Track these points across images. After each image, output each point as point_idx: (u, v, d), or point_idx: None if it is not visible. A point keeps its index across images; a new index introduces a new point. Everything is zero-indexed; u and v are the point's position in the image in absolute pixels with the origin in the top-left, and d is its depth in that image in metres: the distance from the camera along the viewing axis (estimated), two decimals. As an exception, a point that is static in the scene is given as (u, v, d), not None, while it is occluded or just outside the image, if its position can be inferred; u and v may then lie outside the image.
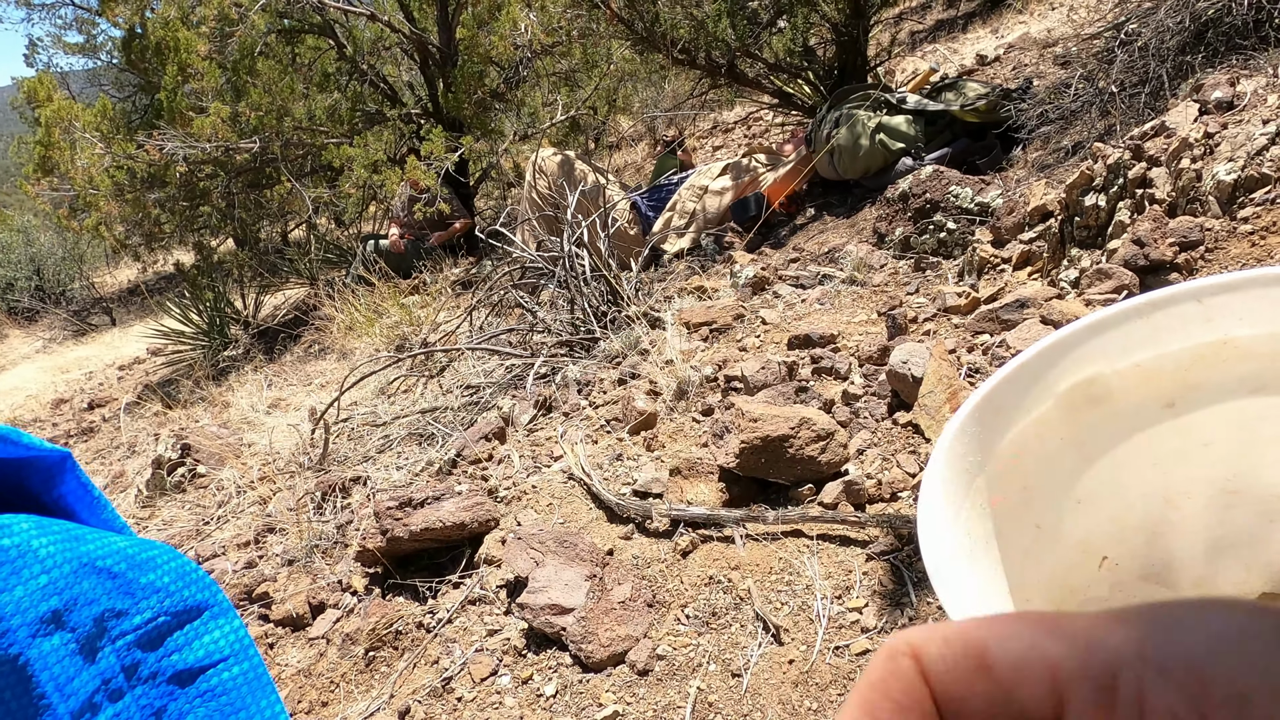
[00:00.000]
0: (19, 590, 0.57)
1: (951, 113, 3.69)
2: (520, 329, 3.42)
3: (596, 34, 4.91)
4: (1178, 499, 0.77)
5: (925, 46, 6.36)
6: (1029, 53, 4.79)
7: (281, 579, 2.13)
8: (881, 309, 2.46)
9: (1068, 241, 2.33)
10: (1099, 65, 3.28)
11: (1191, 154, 2.03)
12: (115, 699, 0.61)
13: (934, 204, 2.98)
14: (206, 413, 4.38)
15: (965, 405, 0.70)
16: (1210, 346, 0.70)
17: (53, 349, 8.36)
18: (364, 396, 3.68)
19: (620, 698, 1.36)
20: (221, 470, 3.22)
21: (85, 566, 0.61)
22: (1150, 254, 1.89)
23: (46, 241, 9.97)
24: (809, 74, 4.77)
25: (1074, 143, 3.13)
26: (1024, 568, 0.77)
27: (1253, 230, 1.80)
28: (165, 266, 8.16)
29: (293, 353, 5.50)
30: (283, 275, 6.69)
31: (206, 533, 2.73)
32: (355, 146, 5.52)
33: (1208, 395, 0.72)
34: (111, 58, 9.52)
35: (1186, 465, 0.76)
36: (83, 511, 0.67)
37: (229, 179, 6.04)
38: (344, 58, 6.17)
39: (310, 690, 1.69)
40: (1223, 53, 2.70)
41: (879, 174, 3.79)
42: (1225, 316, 0.69)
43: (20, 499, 0.66)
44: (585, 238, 3.28)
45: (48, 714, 0.56)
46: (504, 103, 6.35)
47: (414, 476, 2.51)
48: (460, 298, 4.97)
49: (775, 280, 3.07)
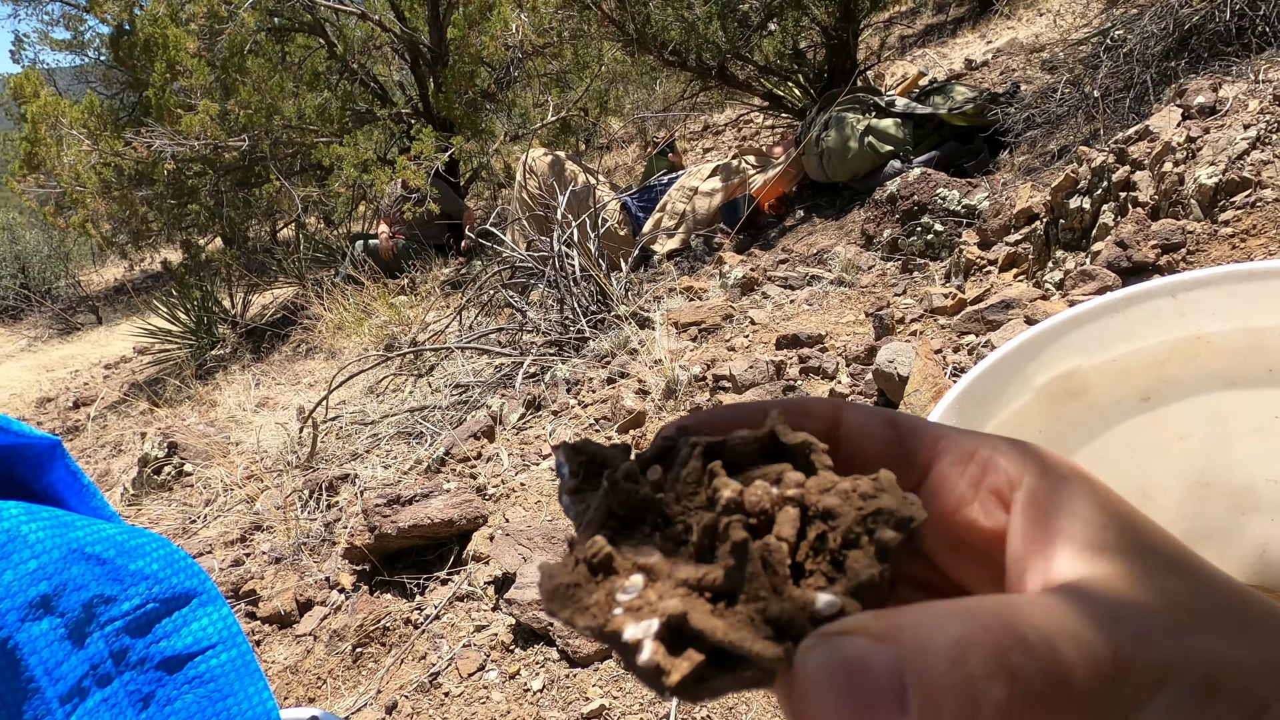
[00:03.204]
0: (8, 575, 0.57)
1: (940, 116, 3.72)
2: (510, 328, 3.43)
3: (588, 35, 4.92)
4: (1154, 492, 0.79)
5: (915, 51, 6.40)
6: (1016, 58, 4.83)
7: (269, 576, 2.12)
8: (869, 310, 2.48)
9: (1052, 244, 2.36)
10: (1085, 70, 3.32)
11: (1174, 158, 2.05)
12: (104, 684, 0.62)
13: (921, 206, 3.01)
14: (194, 411, 4.37)
15: (946, 397, 0.72)
16: (1185, 341, 0.72)
17: (38, 348, 8.30)
18: (353, 395, 3.67)
19: (607, 692, 1.37)
20: (208, 468, 3.20)
21: (74, 552, 0.61)
22: (1133, 256, 1.92)
23: (32, 239, 9.89)
24: (799, 77, 4.79)
25: (1060, 147, 3.16)
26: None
27: (1233, 233, 1.82)
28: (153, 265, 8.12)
29: (281, 352, 5.48)
30: (271, 274, 6.67)
31: (193, 531, 2.72)
32: (345, 146, 5.50)
33: (1183, 389, 0.74)
34: (99, 54, 9.47)
35: (1162, 458, 0.77)
36: (72, 499, 0.67)
37: (217, 177, 6.02)
38: (334, 56, 6.16)
39: (297, 687, 1.69)
40: (1206, 59, 2.73)
41: (867, 176, 3.82)
42: (1199, 311, 0.70)
43: (9, 486, 0.66)
44: (575, 238, 3.28)
45: (36, 697, 0.56)
46: (495, 103, 6.35)
47: (402, 474, 2.51)
48: (450, 297, 4.96)
49: (764, 281, 3.09)
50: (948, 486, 0.24)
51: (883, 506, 0.21)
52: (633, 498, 0.23)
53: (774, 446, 0.24)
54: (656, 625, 0.20)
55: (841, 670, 0.18)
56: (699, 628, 0.20)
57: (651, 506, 0.23)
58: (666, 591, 0.21)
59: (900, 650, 0.17)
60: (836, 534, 0.21)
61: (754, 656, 0.19)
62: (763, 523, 0.22)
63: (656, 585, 0.21)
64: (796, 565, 0.21)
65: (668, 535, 0.23)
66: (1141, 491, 0.77)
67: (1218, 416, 0.73)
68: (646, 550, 0.22)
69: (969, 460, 0.24)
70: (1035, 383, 0.74)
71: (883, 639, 0.18)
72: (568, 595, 0.21)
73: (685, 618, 0.20)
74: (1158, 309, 0.69)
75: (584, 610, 0.21)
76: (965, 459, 0.24)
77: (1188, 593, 0.20)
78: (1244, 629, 0.19)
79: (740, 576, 0.20)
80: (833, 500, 0.22)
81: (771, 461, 0.24)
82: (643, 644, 0.20)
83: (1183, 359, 0.71)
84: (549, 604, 0.22)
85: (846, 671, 0.18)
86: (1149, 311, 0.70)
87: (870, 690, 0.17)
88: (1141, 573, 0.20)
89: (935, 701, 0.17)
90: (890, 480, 0.22)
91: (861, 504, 0.21)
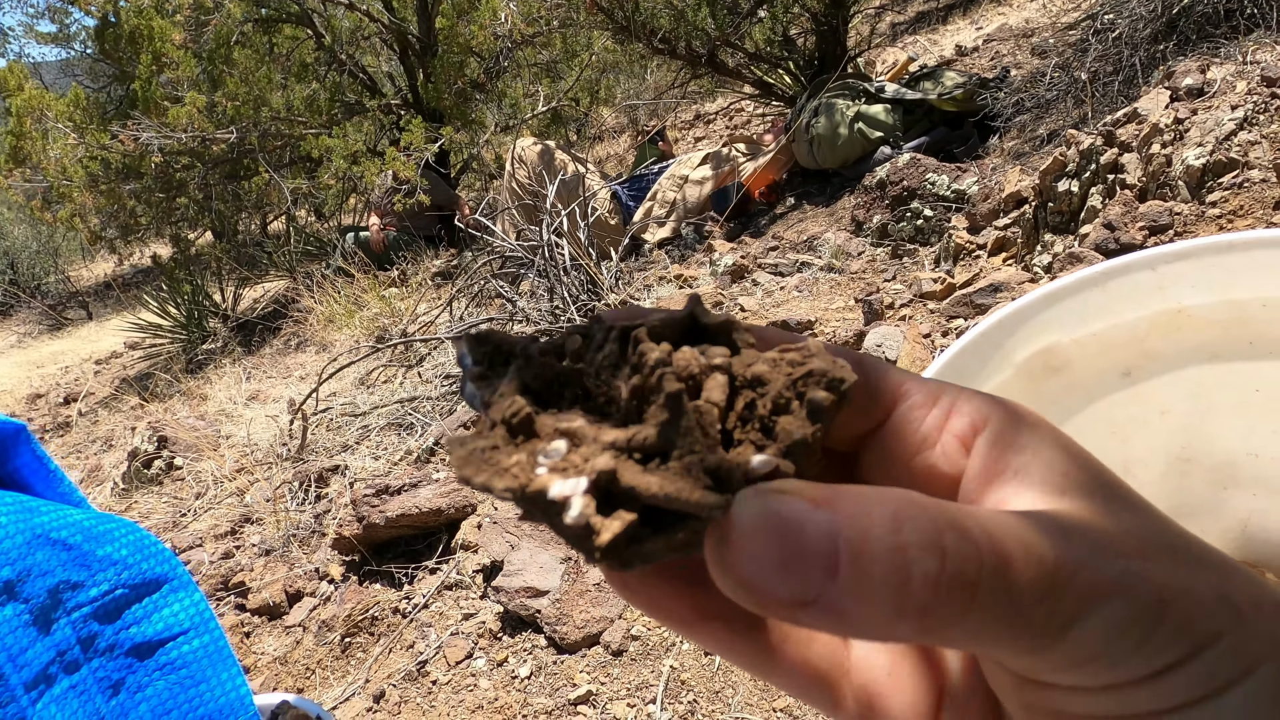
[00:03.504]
0: (-31, 560, 0.56)
1: (929, 102, 3.71)
2: (500, 318, 3.41)
3: (577, 24, 4.89)
4: (1136, 468, 0.78)
5: (905, 38, 6.38)
6: (1006, 43, 4.82)
7: (258, 568, 2.12)
8: (858, 295, 2.48)
9: (1041, 227, 2.35)
10: (1074, 55, 3.31)
11: (1162, 140, 2.05)
12: (71, 671, 0.61)
13: (911, 192, 3.00)
14: (184, 405, 4.34)
15: (925, 374, 0.71)
16: (1165, 315, 0.71)
17: (27, 344, 8.25)
18: (343, 387, 3.66)
19: (594, 678, 1.37)
20: (199, 462, 3.19)
21: (39, 538, 0.60)
22: (1120, 238, 1.91)
23: (20, 234, 9.82)
24: (789, 64, 4.77)
25: (1049, 131, 3.15)
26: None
27: (1220, 214, 1.82)
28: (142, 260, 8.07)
29: (272, 345, 5.45)
30: (262, 268, 6.63)
31: (184, 524, 2.70)
32: (334, 137, 5.47)
33: (1163, 363, 0.73)
34: (85, 47, 9.38)
35: (1144, 434, 0.77)
36: (38, 484, 0.66)
37: (206, 170, 5.97)
38: (322, 47, 6.11)
39: (286, 677, 1.68)
40: (1194, 41, 2.73)
41: (858, 163, 3.81)
42: (1179, 284, 0.70)
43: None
44: (565, 227, 3.27)
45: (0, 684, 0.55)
46: (484, 93, 6.32)
47: (392, 465, 2.50)
48: (441, 289, 4.94)
49: (754, 268, 3.08)
50: (910, 428, 0.24)
51: (814, 368, 0.21)
52: (549, 370, 0.22)
53: (694, 329, 0.23)
54: (585, 483, 0.19)
55: (777, 525, 0.17)
56: (631, 484, 0.19)
57: (570, 380, 0.22)
58: (593, 454, 0.20)
59: (836, 515, 0.17)
60: (766, 400, 0.20)
61: (693, 506, 0.18)
62: (691, 389, 0.21)
63: (582, 449, 0.20)
64: (726, 434, 0.20)
65: (589, 407, 0.21)
66: (1123, 468, 0.77)
67: (1199, 391, 0.72)
68: (568, 417, 0.21)
69: (933, 403, 0.24)
70: (1015, 359, 0.73)
71: (820, 503, 0.17)
72: (483, 459, 0.20)
73: (615, 475, 0.19)
74: (1137, 283, 0.69)
75: (503, 472, 0.19)
76: (929, 402, 0.24)
77: (1145, 528, 0.19)
78: (1200, 564, 0.19)
79: (675, 430, 0.19)
80: (761, 368, 0.21)
81: (693, 344, 0.22)
82: (570, 501, 0.19)
83: (1163, 333, 0.70)
84: (462, 470, 0.20)
85: (782, 527, 0.17)
86: (1129, 285, 0.69)
87: (803, 548, 0.17)
88: (1102, 509, 0.19)
89: (865, 567, 0.17)
90: (818, 346, 0.21)
91: (790, 370, 0.21)
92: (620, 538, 0.19)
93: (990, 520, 0.18)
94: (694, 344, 0.22)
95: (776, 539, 0.17)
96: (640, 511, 0.19)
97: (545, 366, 0.22)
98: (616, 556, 0.19)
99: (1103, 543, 0.18)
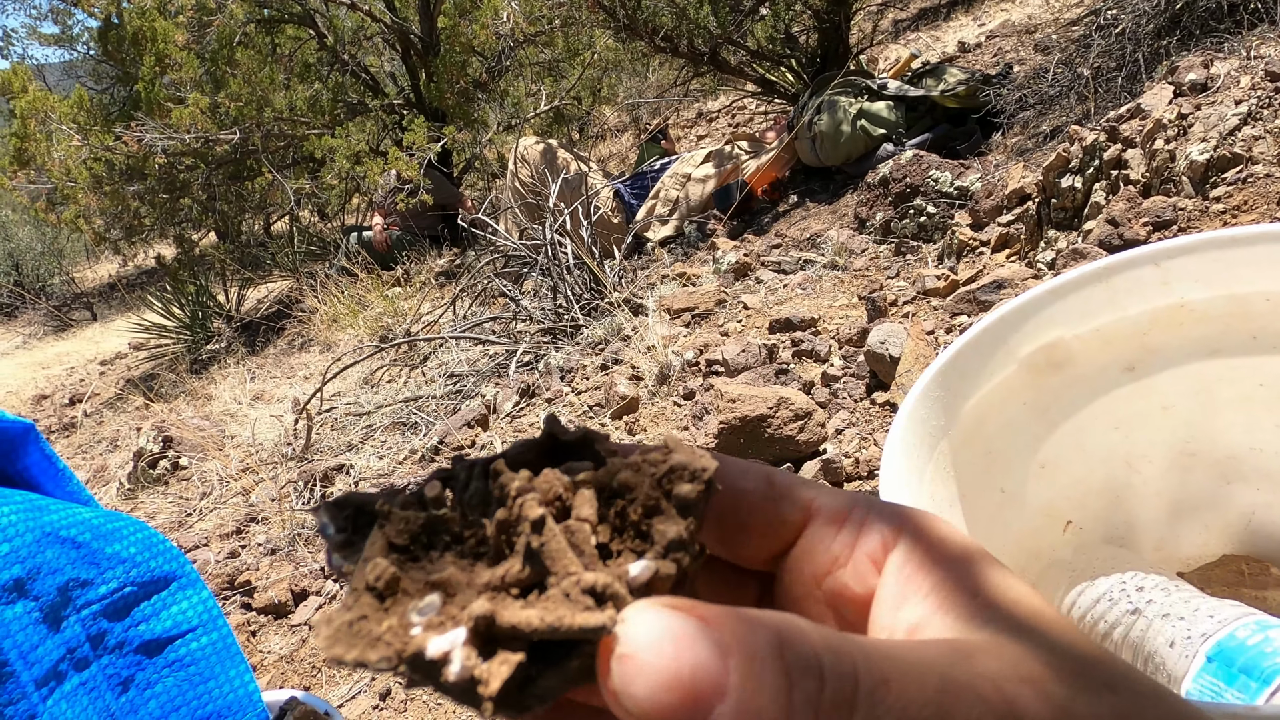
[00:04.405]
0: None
1: (932, 98, 3.70)
2: (503, 317, 3.42)
3: (579, 22, 4.90)
4: (1138, 462, 0.78)
5: (908, 34, 6.37)
6: (1009, 39, 4.81)
7: (264, 567, 2.12)
8: (862, 292, 2.48)
9: (1045, 223, 2.35)
10: (1077, 50, 3.30)
11: (1165, 135, 2.05)
12: (81, 668, 0.61)
13: (914, 188, 3.00)
14: (189, 406, 4.36)
15: (929, 369, 0.71)
16: (1168, 310, 0.71)
17: (33, 345, 8.28)
18: (347, 387, 3.66)
19: (600, 676, 1.37)
20: (204, 462, 3.20)
21: (49, 536, 0.61)
22: (1124, 234, 1.91)
23: (25, 236, 9.85)
24: (791, 61, 4.76)
25: (1052, 127, 3.15)
26: (990, 532, 0.78)
27: (1224, 209, 1.82)
28: (146, 261, 8.08)
29: (276, 345, 5.47)
30: (265, 268, 6.65)
31: (189, 524, 2.71)
32: (337, 137, 5.48)
33: (1166, 358, 0.73)
34: (88, 49, 9.41)
35: (1147, 428, 0.77)
36: (47, 483, 0.67)
37: (209, 171, 5.99)
38: (325, 48, 6.12)
39: (293, 676, 1.69)
40: (1198, 36, 2.72)
41: (860, 160, 3.80)
42: (1182, 279, 0.70)
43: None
44: (568, 226, 3.27)
45: (10, 681, 0.56)
46: (487, 92, 6.32)
47: (397, 464, 2.51)
48: (444, 288, 4.95)
49: (757, 266, 3.08)
50: (820, 547, 0.24)
51: (673, 464, 0.21)
52: (414, 523, 0.21)
53: (554, 448, 0.23)
54: (464, 633, 0.18)
55: (670, 643, 0.17)
56: (511, 623, 0.18)
57: (439, 527, 0.21)
58: (468, 600, 0.19)
59: (724, 635, 0.17)
60: (636, 505, 0.20)
61: (578, 631, 0.18)
62: (560, 510, 0.20)
63: (457, 598, 0.19)
64: (604, 547, 0.20)
65: (461, 552, 0.21)
66: (1126, 462, 0.77)
67: (1201, 385, 0.72)
68: (438, 567, 0.20)
69: (843, 521, 0.24)
70: (1019, 354, 0.73)
71: (710, 623, 0.18)
72: (353, 632, 0.18)
73: (493, 617, 0.18)
74: (1140, 278, 0.69)
75: (375, 642, 0.18)
76: (839, 519, 0.24)
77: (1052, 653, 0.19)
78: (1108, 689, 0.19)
79: (545, 556, 0.19)
80: (626, 475, 0.21)
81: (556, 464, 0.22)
82: (450, 655, 0.18)
83: (1166, 328, 0.70)
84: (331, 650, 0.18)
85: (674, 646, 0.17)
86: (1131, 280, 0.69)
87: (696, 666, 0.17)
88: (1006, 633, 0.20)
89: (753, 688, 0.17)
90: (677, 441, 0.21)
91: (654, 470, 0.21)
92: (510, 683, 0.18)
93: (869, 643, 0.18)
94: (556, 463, 0.22)
95: (671, 656, 0.17)
96: (528, 649, 0.18)
97: (409, 520, 0.21)
98: (510, 704, 0.18)
99: (994, 668, 0.18)
